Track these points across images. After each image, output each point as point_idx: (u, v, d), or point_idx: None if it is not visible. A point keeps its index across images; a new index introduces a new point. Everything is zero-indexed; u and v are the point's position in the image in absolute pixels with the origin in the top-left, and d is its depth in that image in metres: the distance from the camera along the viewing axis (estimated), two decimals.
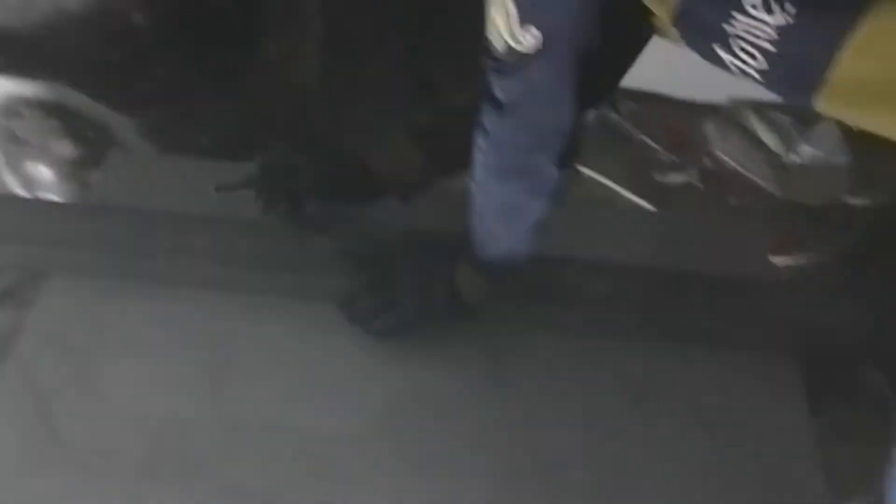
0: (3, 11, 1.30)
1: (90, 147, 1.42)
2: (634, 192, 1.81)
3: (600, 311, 1.19)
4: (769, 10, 0.66)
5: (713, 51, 0.72)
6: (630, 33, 0.86)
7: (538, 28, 0.80)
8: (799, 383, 1.17)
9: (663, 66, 1.82)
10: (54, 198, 1.50)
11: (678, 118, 1.95)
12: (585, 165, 1.80)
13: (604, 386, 1.15)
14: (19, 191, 1.53)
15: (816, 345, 1.21)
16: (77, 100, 1.39)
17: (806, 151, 1.88)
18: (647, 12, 0.76)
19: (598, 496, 1.05)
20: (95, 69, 1.33)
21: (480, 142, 0.93)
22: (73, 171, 1.46)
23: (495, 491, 1.05)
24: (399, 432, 1.09)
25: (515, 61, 0.83)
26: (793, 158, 1.88)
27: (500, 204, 0.99)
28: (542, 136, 0.91)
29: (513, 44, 0.81)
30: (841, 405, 1.24)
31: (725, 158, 1.90)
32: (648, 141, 1.90)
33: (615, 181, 1.85)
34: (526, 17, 0.79)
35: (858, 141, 1.86)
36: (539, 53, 0.81)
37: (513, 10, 0.79)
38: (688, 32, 0.74)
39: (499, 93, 0.88)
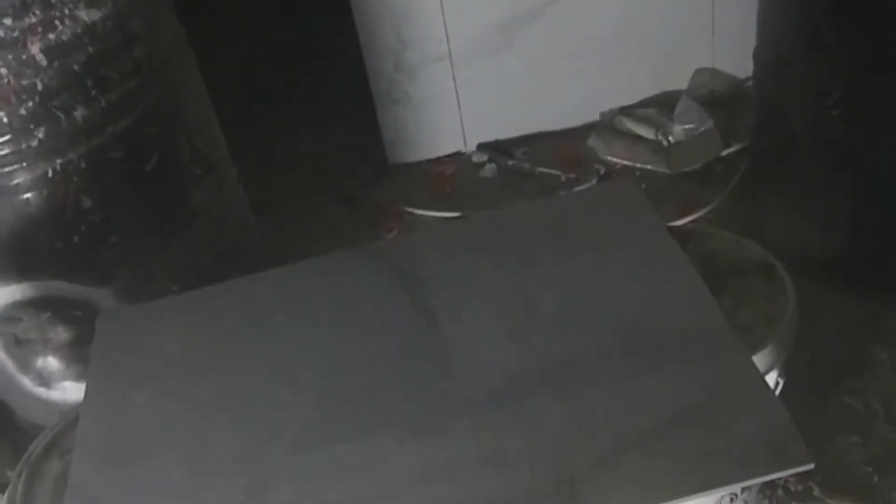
0: None
1: (82, 325, 1.63)
2: None
3: None
4: None
5: None
6: None
7: None
8: None
9: (539, 110, 2.14)
10: (71, 386, 1.72)
11: (565, 144, 2.23)
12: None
13: None
14: (37, 390, 1.75)
15: None
16: (57, 287, 1.62)
17: (678, 130, 2.16)
18: None
19: None
20: (62, 255, 1.58)
21: None
22: (75, 352, 1.67)
23: None
24: None
25: None
26: (669, 139, 2.16)
27: None
28: None
29: None
30: None
31: (615, 160, 2.17)
32: (546, 170, 2.17)
33: None
34: None
35: (716, 106, 2.15)
36: None
37: None
38: None
39: None
